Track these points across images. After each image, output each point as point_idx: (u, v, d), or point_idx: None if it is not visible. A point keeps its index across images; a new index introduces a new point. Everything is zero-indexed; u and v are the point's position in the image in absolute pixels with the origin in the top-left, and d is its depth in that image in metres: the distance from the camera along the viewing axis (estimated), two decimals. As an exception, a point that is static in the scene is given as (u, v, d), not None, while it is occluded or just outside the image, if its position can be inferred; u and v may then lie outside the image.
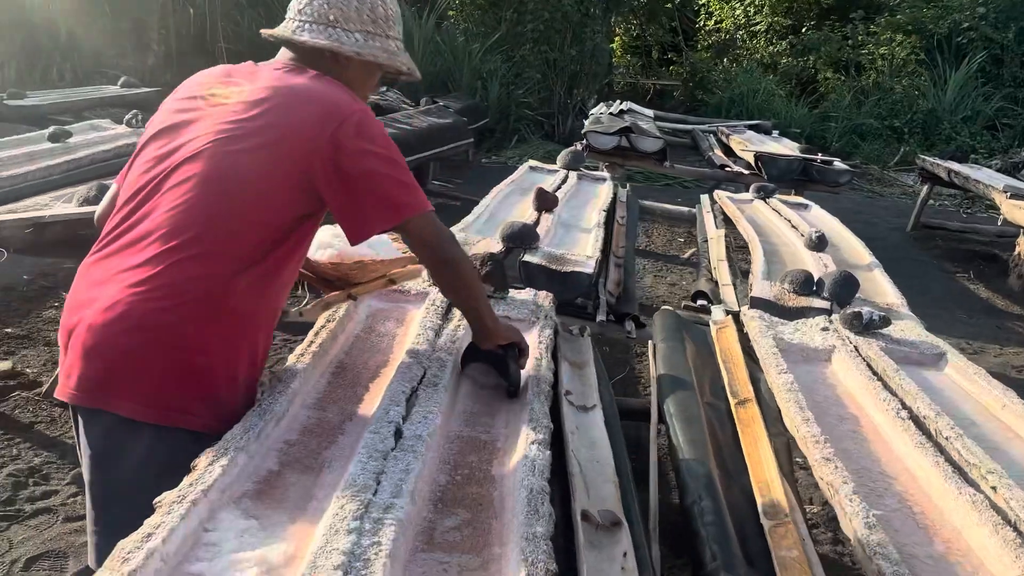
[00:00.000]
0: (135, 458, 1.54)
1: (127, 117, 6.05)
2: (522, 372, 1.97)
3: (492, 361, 1.95)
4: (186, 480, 1.33)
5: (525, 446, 1.62)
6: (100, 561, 1.34)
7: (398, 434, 1.57)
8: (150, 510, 1.22)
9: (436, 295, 2.36)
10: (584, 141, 6.40)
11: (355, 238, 1.64)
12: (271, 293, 1.67)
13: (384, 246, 2.39)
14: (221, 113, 1.61)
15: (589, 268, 3.01)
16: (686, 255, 6.68)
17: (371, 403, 1.73)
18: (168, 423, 1.54)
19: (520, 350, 1.94)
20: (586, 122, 7.74)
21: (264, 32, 1.79)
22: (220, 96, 1.65)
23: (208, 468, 1.36)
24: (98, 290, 1.57)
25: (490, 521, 1.43)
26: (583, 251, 3.30)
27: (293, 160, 1.57)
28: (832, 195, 7.16)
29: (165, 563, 1.16)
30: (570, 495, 1.60)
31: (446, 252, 1.74)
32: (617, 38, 17.63)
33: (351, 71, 1.74)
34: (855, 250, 3.94)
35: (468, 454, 1.66)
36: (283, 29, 1.75)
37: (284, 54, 1.76)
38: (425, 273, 2.38)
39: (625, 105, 8.64)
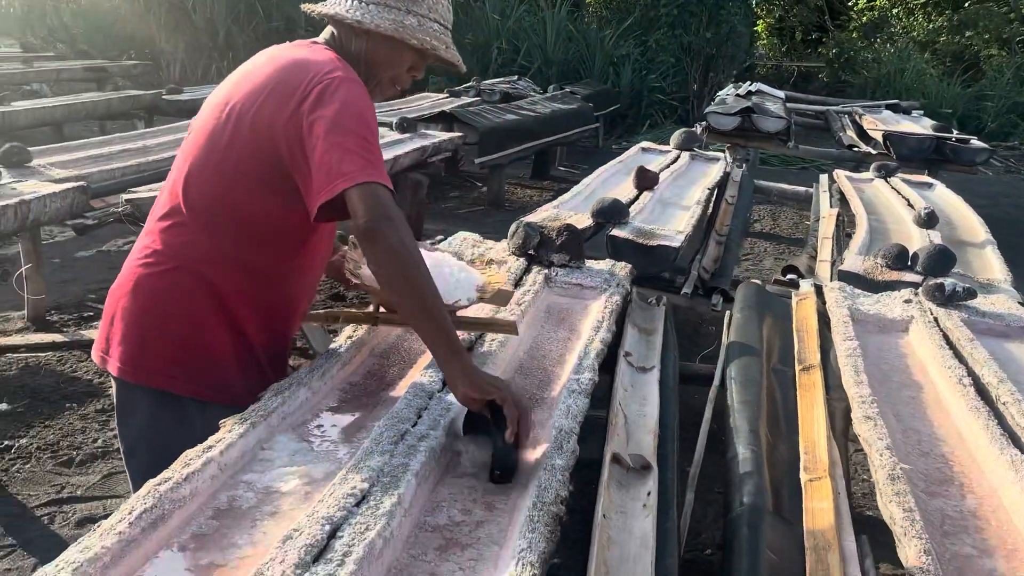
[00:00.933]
0: (140, 417, 1.66)
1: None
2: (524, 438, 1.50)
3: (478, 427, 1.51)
4: (251, 408, 1.52)
5: (565, 394, 1.73)
6: None
7: (448, 379, 1.72)
8: (165, 466, 1.31)
9: (513, 263, 2.49)
10: (704, 122, 6.35)
11: (310, 211, 1.52)
12: (259, 276, 1.66)
13: (465, 284, 1.91)
14: (229, 92, 1.64)
15: (676, 242, 3.07)
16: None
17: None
18: (154, 385, 1.63)
19: (508, 414, 1.44)
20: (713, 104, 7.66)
21: (303, 7, 1.80)
22: (237, 75, 1.68)
23: (271, 398, 1.55)
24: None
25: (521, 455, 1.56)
26: (676, 227, 3.35)
27: (261, 134, 1.55)
28: (982, 179, 6.79)
29: (221, 471, 1.35)
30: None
31: (378, 233, 1.46)
32: (760, 21, 17.16)
33: (373, 48, 1.68)
34: (971, 228, 3.79)
35: (514, 401, 1.78)
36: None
37: (326, 30, 1.75)
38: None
39: (754, 86, 8.47)
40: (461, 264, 1.99)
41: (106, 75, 9.84)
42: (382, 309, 1.92)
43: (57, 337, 3.90)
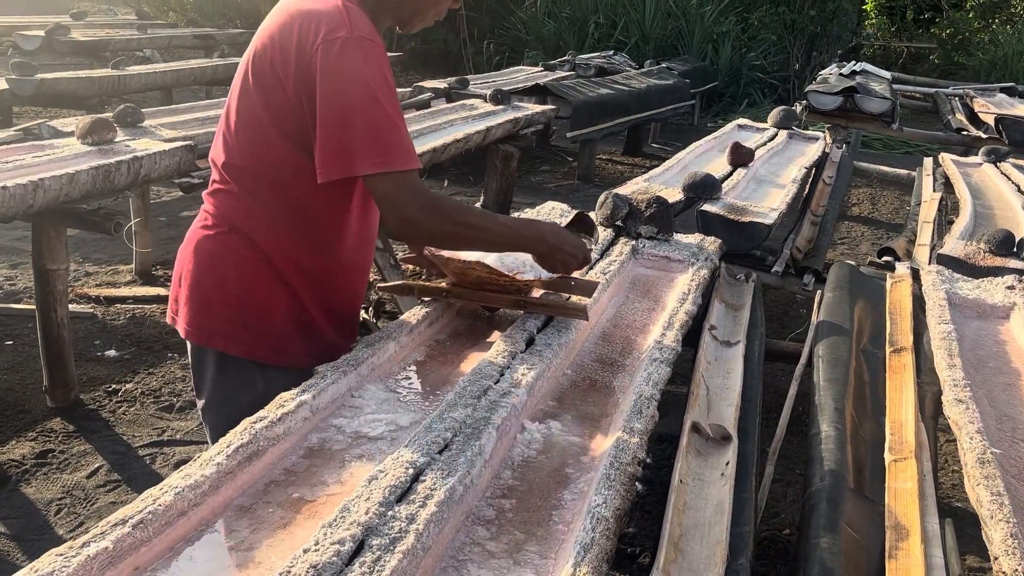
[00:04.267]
0: (208, 375, 1.68)
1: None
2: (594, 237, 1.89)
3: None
4: (343, 358, 1.59)
5: (647, 362, 1.74)
6: None
7: (531, 342, 1.75)
8: (232, 423, 1.34)
9: (600, 233, 2.50)
10: (804, 101, 6.17)
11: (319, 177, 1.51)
12: (304, 237, 1.62)
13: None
14: (249, 53, 1.59)
15: (769, 220, 3.02)
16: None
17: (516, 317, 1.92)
18: (214, 346, 1.65)
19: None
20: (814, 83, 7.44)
21: None
22: (257, 34, 1.61)
23: (362, 349, 1.61)
24: None
25: (600, 419, 1.58)
26: (770, 205, 3.29)
27: (276, 93, 1.51)
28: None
29: (313, 414, 1.42)
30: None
31: (408, 234, 1.65)
32: (870, -1, 16.51)
33: None
34: (1087, 217, 3.60)
35: (595, 368, 1.80)
36: None
37: None
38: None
39: (859, 66, 8.17)
40: None
41: (213, 42, 10.19)
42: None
43: (162, 291, 4.10)
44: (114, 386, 3.26)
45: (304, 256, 1.63)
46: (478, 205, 5.62)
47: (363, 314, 4.02)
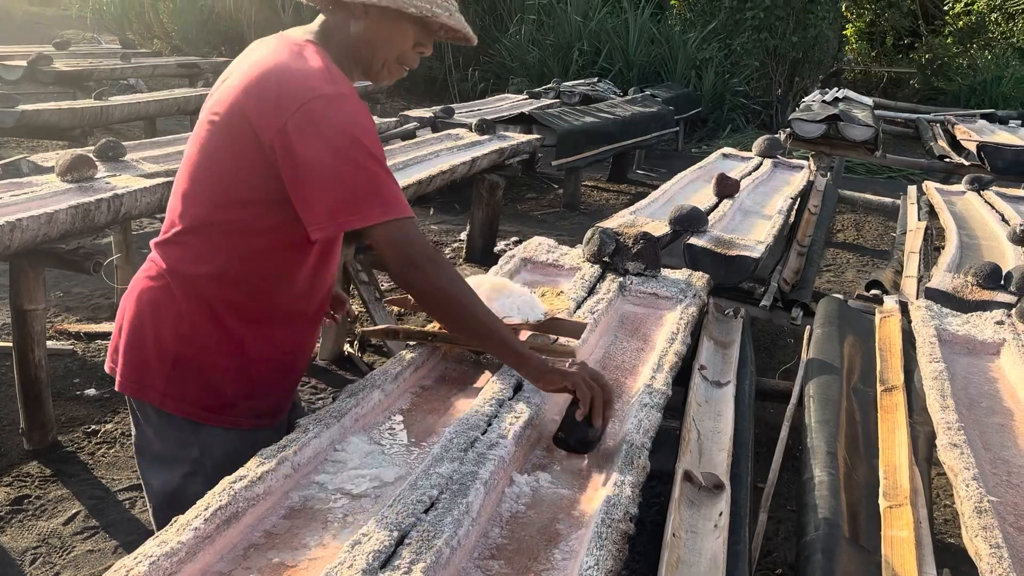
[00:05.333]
0: (144, 429, 1.60)
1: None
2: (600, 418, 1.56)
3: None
4: (326, 409, 1.55)
5: (637, 408, 1.71)
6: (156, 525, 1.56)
7: (518, 387, 1.71)
8: (168, 482, 1.35)
9: (587, 270, 2.48)
10: (788, 129, 6.21)
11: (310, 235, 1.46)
12: (258, 292, 1.55)
13: (531, 307, 1.89)
14: (216, 100, 1.52)
15: (756, 253, 3.00)
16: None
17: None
18: (147, 401, 1.56)
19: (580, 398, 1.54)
20: (797, 110, 7.49)
21: None
22: (223, 80, 1.56)
23: (346, 399, 1.57)
24: None
25: (590, 470, 1.54)
26: (756, 237, 3.28)
27: (253, 140, 1.43)
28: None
29: (295, 471, 1.38)
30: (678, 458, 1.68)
31: (411, 281, 1.50)
32: (849, 25, 16.69)
33: (373, 27, 1.53)
34: (1071, 246, 3.60)
35: (585, 411, 1.77)
36: None
37: (316, 20, 1.61)
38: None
39: (842, 93, 8.24)
40: (523, 291, 1.93)
41: (198, 71, 10.16)
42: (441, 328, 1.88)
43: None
44: (93, 426, 3.20)
45: (253, 309, 1.56)
46: (463, 235, 5.60)
47: (347, 348, 3.98)
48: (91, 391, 3.45)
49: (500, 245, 5.84)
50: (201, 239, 1.52)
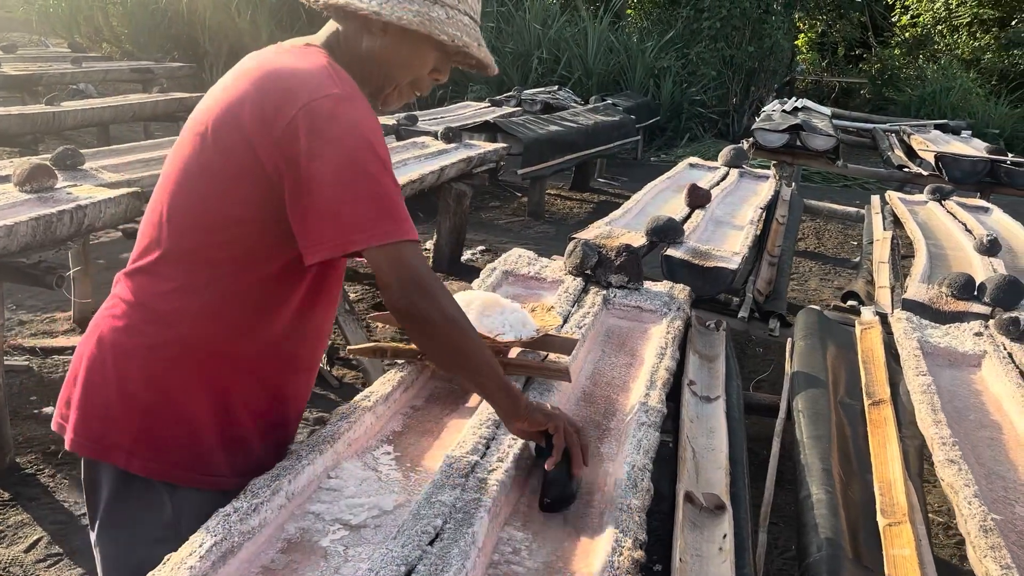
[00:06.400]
0: (101, 495, 1.41)
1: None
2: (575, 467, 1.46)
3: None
4: (317, 434, 1.49)
5: (635, 427, 1.68)
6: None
7: (514, 407, 1.67)
8: (130, 554, 1.29)
9: (570, 282, 2.45)
10: (751, 139, 6.26)
11: (305, 259, 1.30)
12: (248, 331, 1.38)
13: (523, 324, 1.82)
14: (206, 112, 1.36)
15: (733, 264, 3.00)
16: (858, 259, 6.40)
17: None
18: (112, 462, 1.37)
19: (558, 443, 1.43)
20: (757, 119, 7.57)
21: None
22: (215, 91, 1.40)
23: (337, 423, 1.51)
24: None
25: (593, 492, 1.50)
26: (731, 248, 3.28)
27: (249, 151, 1.29)
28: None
29: (289, 500, 1.31)
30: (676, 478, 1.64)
31: (414, 311, 1.31)
32: (801, 35, 16.99)
33: (392, 47, 1.39)
34: (1034, 256, 3.68)
35: (581, 431, 1.73)
36: None
37: (327, 27, 1.46)
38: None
39: (800, 103, 8.35)
40: (515, 307, 1.87)
41: (151, 76, 9.95)
42: None
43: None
44: (53, 447, 3.07)
45: (237, 350, 1.38)
46: (430, 244, 5.54)
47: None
48: (49, 409, 3.32)
49: (467, 254, 5.79)
50: (182, 268, 1.35)
